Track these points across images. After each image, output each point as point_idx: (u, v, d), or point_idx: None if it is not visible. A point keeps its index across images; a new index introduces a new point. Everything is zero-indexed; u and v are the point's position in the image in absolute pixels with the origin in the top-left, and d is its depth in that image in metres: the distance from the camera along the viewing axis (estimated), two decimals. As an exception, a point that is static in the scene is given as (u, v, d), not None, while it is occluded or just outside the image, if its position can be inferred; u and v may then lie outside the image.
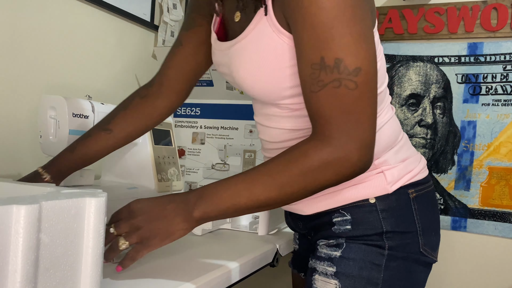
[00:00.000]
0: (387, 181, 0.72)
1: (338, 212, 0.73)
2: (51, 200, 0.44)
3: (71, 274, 0.46)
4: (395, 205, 0.72)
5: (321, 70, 0.60)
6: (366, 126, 0.60)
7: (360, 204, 0.72)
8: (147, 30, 1.54)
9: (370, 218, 0.71)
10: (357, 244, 0.71)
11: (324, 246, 0.74)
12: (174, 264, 0.71)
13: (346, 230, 0.72)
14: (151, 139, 1.13)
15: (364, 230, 0.71)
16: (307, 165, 0.61)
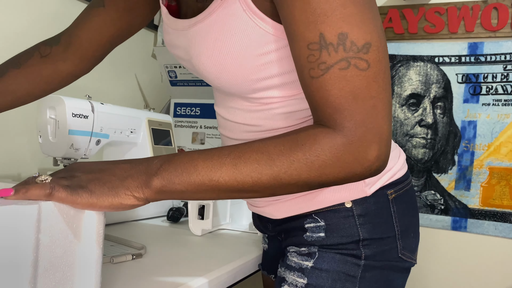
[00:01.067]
0: (365, 183, 0.63)
1: (310, 217, 0.66)
2: (50, 201, 0.43)
3: (70, 275, 0.46)
4: (373, 209, 0.64)
5: (322, 49, 0.48)
6: (384, 115, 0.49)
7: (335, 209, 0.64)
8: (147, 30, 1.54)
9: (346, 224, 0.64)
10: (330, 254, 0.64)
11: (295, 254, 0.67)
12: (174, 264, 0.71)
13: (319, 238, 0.65)
14: (151, 139, 1.12)
15: (339, 238, 0.64)
16: (315, 152, 0.48)
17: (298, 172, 0.49)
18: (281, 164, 0.49)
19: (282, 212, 0.68)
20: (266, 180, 0.49)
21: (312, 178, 0.49)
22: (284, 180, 0.49)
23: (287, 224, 0.70)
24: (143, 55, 1.53)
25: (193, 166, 0.49)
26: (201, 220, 0.93)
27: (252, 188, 0.50)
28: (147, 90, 1.56)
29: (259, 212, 0.73)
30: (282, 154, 0.49)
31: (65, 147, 0.92)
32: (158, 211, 1.12)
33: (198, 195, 0.50)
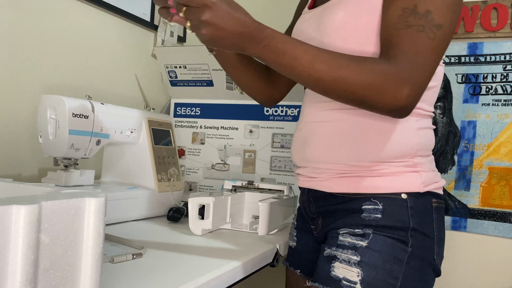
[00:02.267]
0: (421, 180, 0.76)
1: (369, 200, 0.76)
2: (51, 200, 0.44)
3: (71, 274, 0.46)
4: (421, 207, 0.76)
5: (411, 14, 0.68)
6: (427, 73, 0.67)
7: (393, 197, 0.75)
8: (147, 30, 1.54)
9: (400, 211, 0.74)
10: (383, 237, 0.73)
11: (348, 235, 0.75)
12: (174, 264, 0.71)
13: (376, 218, 0.74)
14: (151, 139, 1.13)
15: (393, 221, 0.74)
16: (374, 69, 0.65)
17: (353, 82, 0.65)
18: (345, 72, 0.65)
19: (338, 186, 0.79)
20: (328, 79, 0.66)
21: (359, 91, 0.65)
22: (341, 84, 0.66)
23: (342, 205, 0.79)
24: (143, 55, 1.53)
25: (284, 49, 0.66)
26: (201, 220, 0.93)
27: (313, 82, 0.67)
28: (147, 90, 1.56)
29: (315, 185, 0.83)
30: (349, 66, 0.66)
31: (65, 147, 0.92)
32: (158, 211, 1.12)
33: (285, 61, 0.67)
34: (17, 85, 1.11)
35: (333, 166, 0.79)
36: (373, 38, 0.75)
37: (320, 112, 0.83)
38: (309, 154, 0.82)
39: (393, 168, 0.76)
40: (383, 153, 0.76)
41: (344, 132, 0.78)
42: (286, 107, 1.33)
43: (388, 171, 0.76)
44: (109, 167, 1.15)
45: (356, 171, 0.77)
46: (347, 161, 0.77)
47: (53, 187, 0.90)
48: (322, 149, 0.80)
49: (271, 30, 0.67)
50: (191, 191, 1.42)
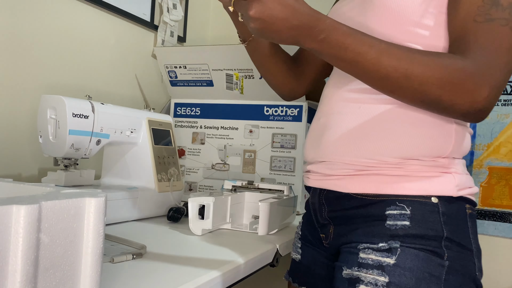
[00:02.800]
0: (455, 183, 0.65)
1: (394, 203, 0.64)
2: (51, 200, 0.44)
3: (71, 274, 0.46)
4: (455, 213, 0.65)
5: (493, 5, 0.60)
6: (507, 74, 0.59)
7: (421, 201, 0.64)
8: (147, 30, 1.54)
9: (431, 218, 0.63)
10: (413, 250, 0.62)
11: (370, 251, 0.64)
12: (174, 264, 0.71)
13: (403, 226, 0.63)
14: (151, 139, 1.13)
15: (424, 229, 0.62)
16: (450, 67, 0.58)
17: (427, 79, 0.57)
18: (418, 68, 0.58)
19: (357, 185, 0.67)
20: (397, 77, 0.58)
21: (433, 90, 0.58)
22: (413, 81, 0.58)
23: (360, 209, 0.67)
24: (143, 55, 1.53)
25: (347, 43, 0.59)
26: (201, 220, 0.93)
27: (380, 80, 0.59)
28: (147, 90, 1.56)
29: (329, 185, 0.71)
30: (423, 61, 0.58)
31: (65, 147, 0.92)
32: (158, 211, 1.12)
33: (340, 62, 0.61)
34: (17, 85, 1.11)
35: (351, 160, 0.68)
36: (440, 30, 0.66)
37: (342, 100, 0.72)
38: (325, 146, 0.71)
39: (424, 167, 0.65)
40: (414, 149, 0.65)
41: (370, 121, 0.67)
42: (286, 107, 1.33)
43: (417, 169, 0.65)
44: (109, 167, 1.15)
45: (378, 168, 0.66)
46: (369, 156, 0.66)
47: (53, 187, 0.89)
48: (340, 140, 0.69)
49: (331, 21, 0.59)
50: (191, 191, 1.42)
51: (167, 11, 1.58)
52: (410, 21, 0.66)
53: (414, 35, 0.66)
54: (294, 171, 1.30)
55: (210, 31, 1.92)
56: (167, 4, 1.57)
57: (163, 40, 1.58)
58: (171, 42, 1.61)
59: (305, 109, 1.30)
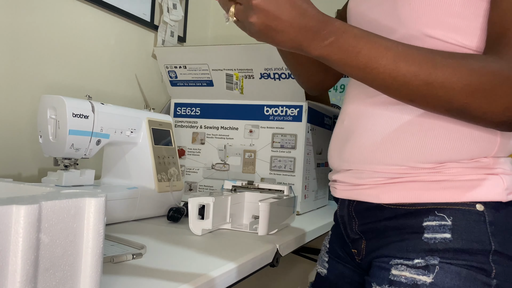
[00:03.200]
0: (504, 186, 0.57)
1: (432, 213, 0.57)
2: (51, 200, 0.44)
3: (71, 274, 0.46)
4: (504, 222, 0.56)
5: None
6: None
7: (464, 209, 0.56)
8: (147, 30, 1.54)
9: (476, 228, 0.55)
10: (454, 267, 0.54)
11: (404, 267, 0.56)
12: (174, 264, 0.71)
13: (444, 240, 0.55)
14: (151, 139, 1.13)
15: (468, 242, 0.55)
16: (479, 72, 0.49)
17: (453, 86, 0.50)
18: (442, 74, 0.50)
19: (389, 195, 0.59)
20: (418, 84, 0.50)
21: (459, 98, 0.50)
22: (436, 89, 0.50)
23: (394, 221, 0.60)
24: (143, 55, 1.53)
25: (356, 48, 0.52)
26: (201, 220, 0.93)
27: (398, 88, 0.51)
28: (147, 90, 1.56)
29: (358, 195, 0.64)
30: (448, 65, 0.50)
31: (65, 147, 0.92)
32: (158, 211, 1.12)
33: (351, 69, 0.53)
34: (17, 85, 1.11)
35: (381, 168, 0.60)
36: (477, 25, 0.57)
37: (368, 100, 0.64)
38: (352, 153, 0.64)
39: (465, 169, 0.57)
40: (453, 152, 0.57)
41: (399, 123, 0.60)
42: (286, 107, 1.33)
43: (458, 172, 0.57)
44: (109, 167, 1.15)
45: (413, 175, 0.59)
46: (401, 162, 0.59)
47: (53, 187, 0.89)
48: (368, 146, 0.62)
49: (340, 23, 0.52)
50: (191, 191, 1.42)
51: (167, 11, 1.58)
52: (448, 10, 0.57)
53: (448, 28, 0.58)
54: (294, 171, 1.30)
55: (210, 31, 1.92)
56: (167, 4, 1.58)
57: (163, 40, 1.58)
58: (171, 42, 1.61)
59: (305, 109, 1.30)
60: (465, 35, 0.57)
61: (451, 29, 0.58)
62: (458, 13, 0.57)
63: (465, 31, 0.57)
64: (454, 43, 0.58)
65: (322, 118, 1.47)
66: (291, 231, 1.06)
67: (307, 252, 1.62)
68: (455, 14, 0.57)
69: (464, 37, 0.58)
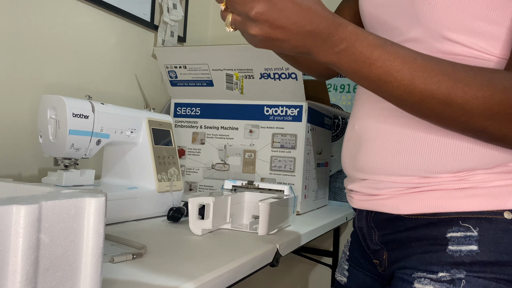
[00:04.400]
0: None
1: (457, 224, 0.53)
2: (51, 200, 0.44)
3: (71, 274, 0.46)
4: None
5: None
6: None
7: (490, 218, 0.52)
8: (147, 30, 1.54)
9: (505, 238, 0.51)
10: (483, 281, 0.50)
11: (428, 281, 0.53)
12: (174, 264, 0.71)
13: (470, 253, 0.51)
14: (151, 139, 1.13)
15: (497, 254, 0.51)
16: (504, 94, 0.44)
17: (473, 109, 0.45)
18: (463, 95, 0.45)
19: (413, 206, 0.55)
20: (434, 103, 0.46)
21: (479, 120, 0.46)
22: (453, 109, 0.46)
23: (416, 231, 0.56)
24: (143, 55, 1.53)
25: (368, 59, 0.46)
26: (201, 220, 0.93)
27: (412, 104, 0.47)
28: (147, 90, 1.56)
29: (376, 206, 0.59)
30: (469, 85, 0.45)
31: (65, 147, 0.92)
32: (158, 211, 1.12)
33: (363, 81, 0.48)
34: (17, 85, 1.11)
35: (400, 179, 0.56)
36: (503, 34, 0.51)
37: (380, 102, 0.58)
38: (365, 162, 0.60)
39: (492, 175, 0.53)
40: (476, 159, 0.53)
41: (416, 130, 0.55)
42: (286, 107, 1.33)
43: (484, 179, 0.53)
44: (109, 167, 1.15)
45: (434, 184, 0.55)
46: (419, 173, 0.55)
47: (53, 187, 0.90)
48: (383, 155, 0.57)
49: (354, 28, 0.47)
50: (191, 191, 1.42)
51: (167, 11, 1.58)
52: (472, 12, 0.51)
53: (470, 33, 0.52)
54: (294, 171, 1.30)
55: (210, 31, 1.92)
56: (167, 4, 1.58)
57: (163, 40, 1.58)
58: (171, 42, 1.61)
59: (305, 109, 1.30)
60: (490, 40, 0.52)
61: (475, 34, 0.52)
62: (484, 16, 0.51)
63: (490, 36, 0.52)
64: (476, 48, 0.53)
65: (322, 118, 1.47)
66: (291, 231, 1.06)
67: (307, 252, 1.63)
68: (480, 17, 0.51)
69: (488, 42, 0.52)
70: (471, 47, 0.53)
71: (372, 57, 0.46)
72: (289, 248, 0.98)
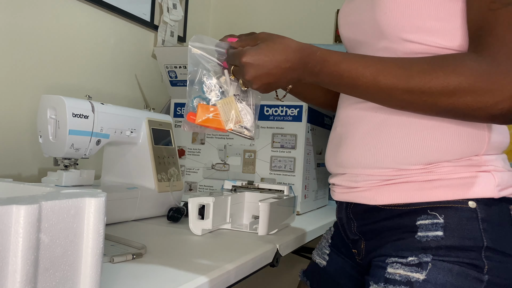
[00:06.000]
0: (496, 183, 0.58)
1: (425, 212, 0.58)
2: (50, 200, 0.44)
3: (71, 274, 0.46)
4: (496, 218, 0.58)
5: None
6: None
7: (457, 207, 0.57)
8: (147, 30, 1.54)
9: (468, 225, 0.57)
10: (447, 264, 0.56)
11: (399, 265, 0.58)
12: (174, 264, 0.71)
13: (436, 238, 0.57)
14: (151, 139, 1.13)
15: (460, 239, 0.56)
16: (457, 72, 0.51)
17: (432, 90, 0.53)
18: (419, 81, 0.53)
19: (385, 196, 0.62)
20: (399, 93, 0.54)
21: (443, 99, 0.53)
22: (417, 88, 0.53)
23: (390, 221, 0.62)
24: (143, 55, 1.53)
25: (341, 69, 0.57)
26: (201, 220, 0.93)
27: (384, 99, 0.56)
28: (147, 90, 1.56)
29: (355, 197, 0.66)
30: (424, 72, 0.53)
31: (65, 147, 0.92)
32: (158, 211, 1.12)
33: (340, 87, 0.60)
34: (17, 85, 1.11)
35: (375, 171, 0.63)
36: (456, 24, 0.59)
37: (358, 107, 0.67)
38: (345, 158, 0.67)
39: (457, 167, 0.59)
40: (443, 152, 0.59)
41: (389, 127, 0.62)
42: (286, 107, 1.33)
43: (449, 171, 0.59)
44: (109, 167, 1.15)
45: (406, 176, 0.61)
46: (393, 165, 0.62)
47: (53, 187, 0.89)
48: (359, 151, 0.65)
49: (321, 53, 0.57)
50: (191, 191, 1.42)
51: (167, 11, 1.58)
52: (419, 25, 0.60)
53: (425, 32, 0.60)
54: (294, 171, 1.30)
55: (210, 31, 1.92)
56: (167, 4, 1.58)
57: (163, 40, 1.58)
58: (171, 42, 1.61)
59: (305, 109, 1.30)
60: (444, 36, 0.60)
61: (428, 32, 0.60)
62: (433, 16, 0.59)
63: (443, 33, 0.60)
64: (433, 45, 0.60)
65: (322, 118, 1.47)
66: (291, 231, 1.06)
67: (307, 252, 1.62)
68: (429, 17, 0.59)
69: (442, 38, 0.60)
70: (429, 45, 0.60)
71: (339, 70, 0.57)
72: (289, 248, 0.98)
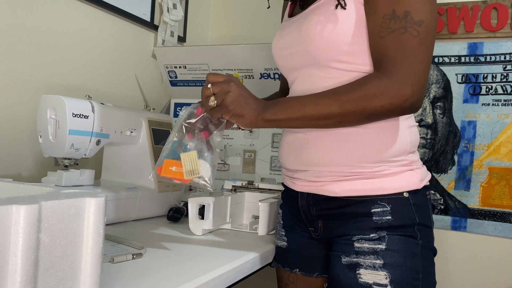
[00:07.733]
0: (419, 178, 0.81)
1: (376, 203, 0.78)
2: (50, 200, 0.44)
3: (70, 274, 0.46)
4: (421, 202, 0.80)
5: (391, 19, 0.72)
6: (421, 69, 0.71)
7: (397, 197, 0.78)
8: (147, 30, 1.54)
9: (405, 210, 0.78)
10: (397, 236, 0.77)
11: (364, 241, 0.78)
12: (174, 264, 0.71)
13: (388, 220, 0.77)
14: (151, 139, 1.13)
15: (403, 220, 0.78)
16: (367, 90, 0.71)
17: (356, 103, 0.71)
18: (345, 98, 0.72)
19: (345, 190, 0.80)
20: (336, 110, 0.72)
21: (366, 107, 0.71)
22: (348, 109, 0.72)
23: (347, 208, 0.80)
24: (143, 55, 1.53)
25: (288, 105, 0.75)
26: (201, 220, 0.93)
27: (327, 116, 0.73)
28: (147, 90, 1.56)
29: (317, 190, 0.83)
30: (347, 91, 0.72)
31: (65, 147, 0.92)
32: (158, 211, 1.12)
33: (294, 123, 0.75)
34: (17, 85, 1.11)
35: (335, 168, 0.80)
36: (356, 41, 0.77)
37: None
38: (309, 158, 0.83)
39: (393, 168, 0.79)
40: (384, 153, 0.78)
41: (345, 134, 0.79)
42: (286, 107, 1.33)
43: (389, 171, 0.79)
44: (109, 167, 1.15)
45: (359, 173, 0.79)
46: (350, 163, 0.79)
47: (53, 187, 0.89)
48: (323, 152, 0.81)
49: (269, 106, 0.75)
50: (191, 191, 1.42)
51: (167, 11, 1.58)
52: (341, 50, 0.77)
53: (347, 60, 0.78)
54: (294, 171, 1.30)
55: (210, 31, 1.92)
56: (167, 4, 1.58)
57: (163, 40, 1.58)
58: (171, 42, 1.61)
59: (305, 109, 1.30)
60: (360, 57, 0.78)
61: (347, 55, 0.78)
62: (350, 42, 0.77)
63: (358, 54, 0.77)
64: (352, 69, 0.78)
65: (322, 118, 1.47)
66: (291, 231, 1.05)
67: (307, 252, 1.62)
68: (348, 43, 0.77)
69: (359, 58, 0.78)
70: (348, 70, 0.78)
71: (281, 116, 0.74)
72: (289, 248, 0.98)
